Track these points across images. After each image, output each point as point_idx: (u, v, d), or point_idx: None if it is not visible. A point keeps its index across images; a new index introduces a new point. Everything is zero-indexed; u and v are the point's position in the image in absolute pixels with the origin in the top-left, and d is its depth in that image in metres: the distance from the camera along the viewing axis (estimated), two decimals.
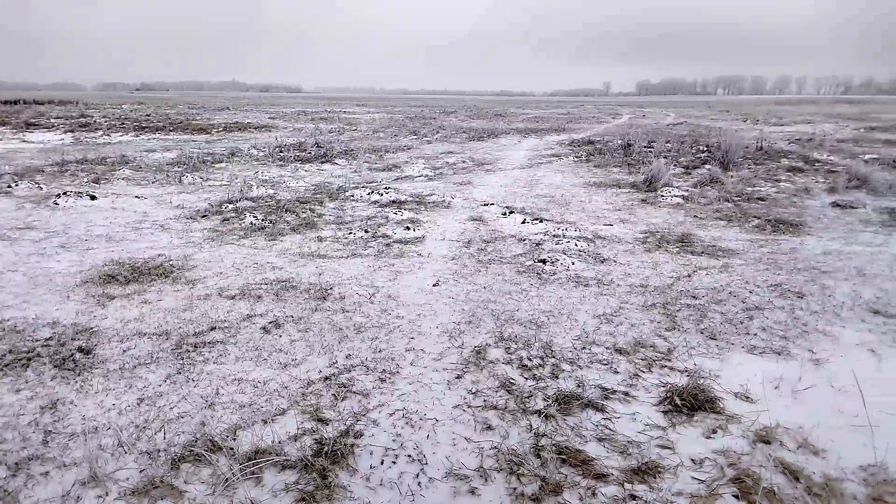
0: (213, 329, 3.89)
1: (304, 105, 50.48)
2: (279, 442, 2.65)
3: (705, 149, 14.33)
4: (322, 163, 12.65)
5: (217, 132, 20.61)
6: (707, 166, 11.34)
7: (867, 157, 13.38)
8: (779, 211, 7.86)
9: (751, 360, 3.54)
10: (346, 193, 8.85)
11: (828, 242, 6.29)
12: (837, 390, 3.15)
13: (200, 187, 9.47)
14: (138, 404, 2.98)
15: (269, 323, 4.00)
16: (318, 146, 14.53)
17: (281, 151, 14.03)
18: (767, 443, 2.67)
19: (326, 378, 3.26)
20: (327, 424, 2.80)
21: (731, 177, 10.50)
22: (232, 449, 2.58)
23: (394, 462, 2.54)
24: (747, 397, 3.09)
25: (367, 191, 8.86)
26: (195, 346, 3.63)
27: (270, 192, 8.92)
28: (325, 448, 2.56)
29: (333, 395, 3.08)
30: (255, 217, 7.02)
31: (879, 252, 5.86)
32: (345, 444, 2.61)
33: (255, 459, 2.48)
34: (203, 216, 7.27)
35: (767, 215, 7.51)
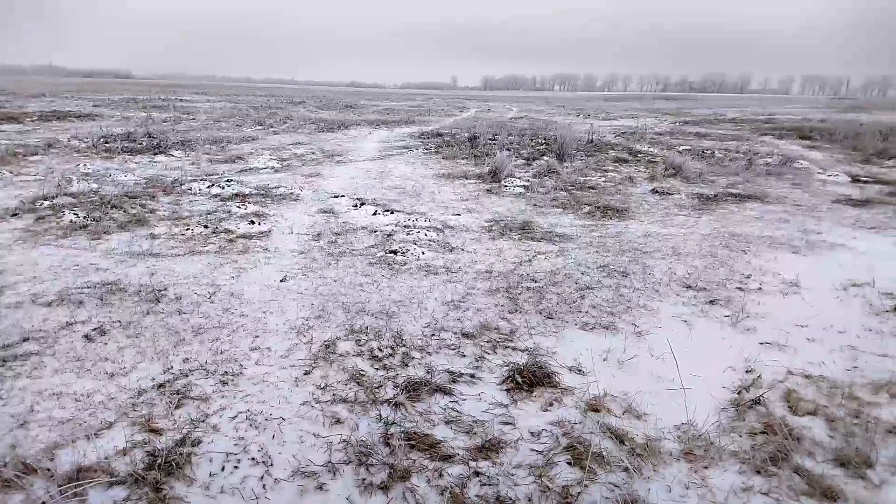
0: (25, 340, 3.46)
1: (134, 92, 46.14)
2: (106, 458, 2.42)
3: (543, 142, 15.23)
4: (155, 154, 11.67)
5: (31, 121, 18.21)
6: (545, 158, 12.05)
7: (681, 148, 15.02)
8: (607, 198, 8.57)
9: (583, 335, 3.84)
10: (184, 187, 8.26)
11: (648, 226, 6.98)
12: (656, 358, 3.51)
13: (10, 183, 8.32)
14: None
15: (93, 330, 3.63)
16: (150, 136, 13.41)
17: (107, 142, 12.75)
18: (597, 411, 2.91)
19: (160, 385, 3.03)
20: (161, 435, 2.60)
21: (566, 167, 11.27)
22: (49, 470, 2.32)
23: (236, 467, 2.42)
24: (580, 370, 3.35)
25: (207, 184, 8.33)
26: (4, 360, 3.20)
27: (94, 186, 8.07)
28: (159, 460, 2.37)
29: (168, 402, 2.87)
30: (75, 214, 6.31)
31: (691, 233, 6.62)
32: (181, 454, 2.44)
33: (78, 479, 2.24)
34: (13, 215, 6.41)
35: (597, 202, 8.16)
